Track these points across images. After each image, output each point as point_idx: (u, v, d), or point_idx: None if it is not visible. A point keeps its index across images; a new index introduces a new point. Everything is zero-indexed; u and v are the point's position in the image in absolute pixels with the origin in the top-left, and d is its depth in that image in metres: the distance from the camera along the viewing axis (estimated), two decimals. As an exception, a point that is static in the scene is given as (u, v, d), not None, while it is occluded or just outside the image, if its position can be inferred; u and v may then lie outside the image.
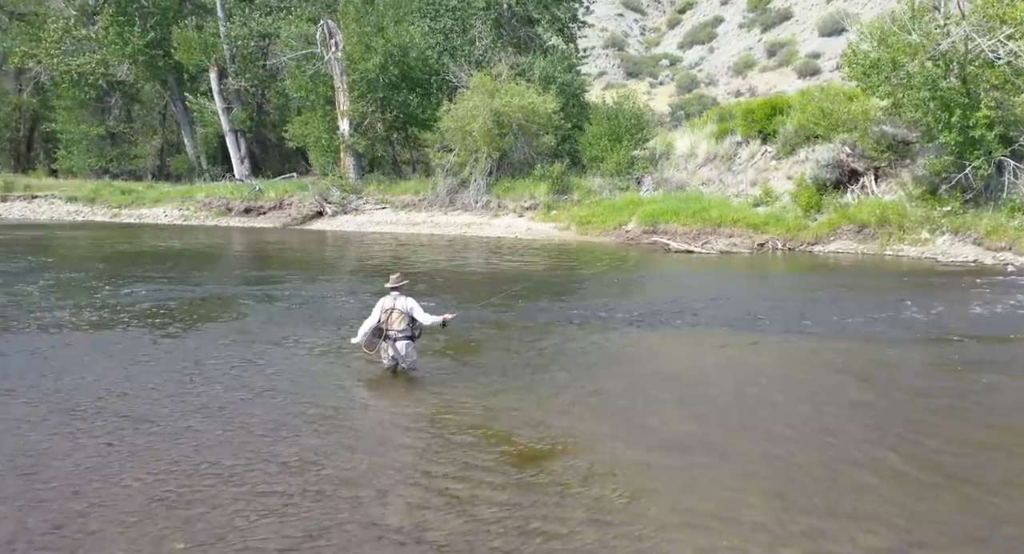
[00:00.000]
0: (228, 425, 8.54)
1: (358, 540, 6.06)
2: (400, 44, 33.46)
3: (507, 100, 30.42)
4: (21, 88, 54.32)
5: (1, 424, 8.50)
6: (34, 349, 11.82)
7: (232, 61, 40.93)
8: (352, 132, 35.27)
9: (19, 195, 42.50)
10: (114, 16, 41.57)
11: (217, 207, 36.28)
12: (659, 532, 6.14)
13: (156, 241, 28.68)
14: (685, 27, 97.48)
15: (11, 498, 6.74)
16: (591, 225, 28.04)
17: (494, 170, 31.77)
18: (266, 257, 25.26)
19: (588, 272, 20.49)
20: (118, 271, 20.06)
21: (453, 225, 30.70)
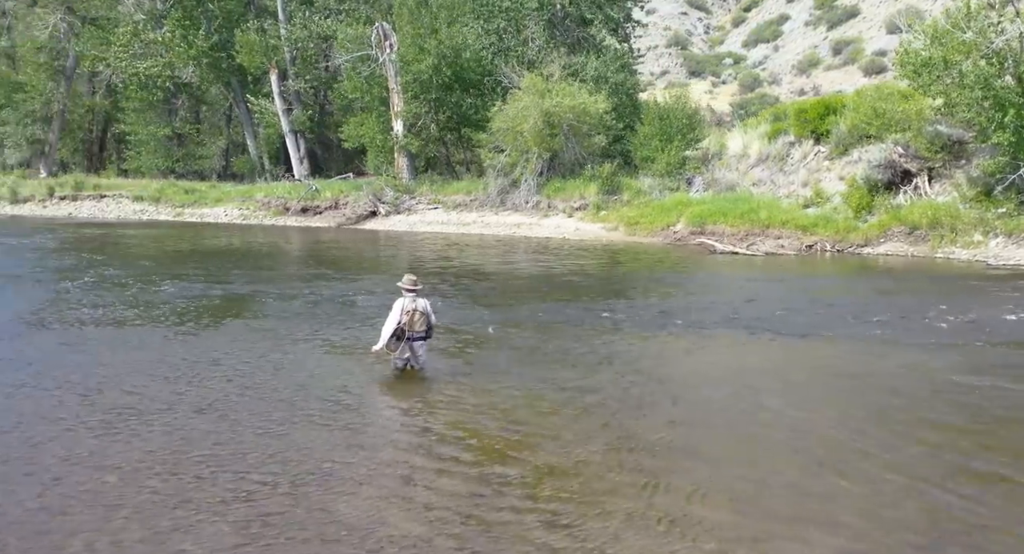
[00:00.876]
0: (220, 419, 8.80)
1: (306, 532, 6.22)
2: (453, 45, 33.76)
3: (558, 100, 30.51)
4: (94, 90, 56.14)
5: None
6: (60, 343, 12.40)
7: (292, 63, 41.70)
8: (406, 133, 35.72)
9: (89, 194, 43.98)
10: (180, 20, 42.69)
11: (275, 207, 37.03)
12: (605, 531, 6.21)
13: (211, 240, 29.47)
14: (750, 25, 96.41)
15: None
16: (639, 226, 27.98)
17: (545, 170, 31.88)
18: (313, 256, 25.80)
19: (624, 272, 20.52)
20: (163, 269, 20.73)
21: (503, 225, 30.89)
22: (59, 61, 50.53)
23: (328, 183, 38.05)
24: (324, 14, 42.13)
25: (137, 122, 48.50)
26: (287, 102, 41.97)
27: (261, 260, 24.21)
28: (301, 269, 22.76)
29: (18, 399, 9.47)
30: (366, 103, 38.55)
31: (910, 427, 8.58)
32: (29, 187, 45.97)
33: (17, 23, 57.55)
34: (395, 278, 18.91)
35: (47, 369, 10.72)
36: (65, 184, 44.92)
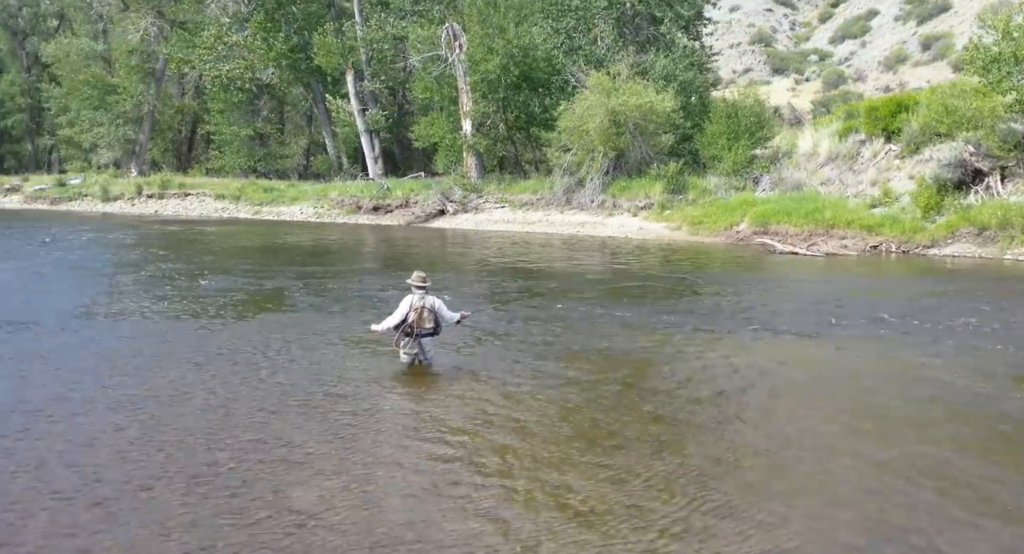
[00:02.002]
0: (212, 404, 9.28)
1: (247, 513, 6.51)
2: (521, 45, 33.99)
3: (624, 99, 30.48)
4: (184, 92, 58.15)
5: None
6: (95, 332, 13.10)
7: (368, 64, 42.47)
8: (474, 132, 36.12)
9: (174, 193, 45.60)
10: (262, 23, 43.92)
11: (348, 205, 37.81)
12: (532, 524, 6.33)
13: (280, 237, 30.30)
14: (837, 21, 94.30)
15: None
16: (702, 225, 27.78)
17: (611, 169, 31.88)
18: (375, 253, 26.43)
19: (675, 272, 20.38)
20: (223, 264, 21.56)
21: (567, 224, 31.00)
22: (149, 64, 52.54)
23: (399, 182, 38.73)
24: (399, 15, 42.86)
25: (222, 122, 50.03)
26: (363, 102, 42.78)
27: (323, 256, 24.80)
28: (359, 265, 23.25)
29: (20, 381, 10.14)
30: (436, 103, 39.05)
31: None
32: (119, 186, 47.91)
33: (114, 28, 60.03)
34: (449, 275, 19.40)
35: (65, 359, 11.37)
36: (152, 183, 46.68)
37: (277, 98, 51.10)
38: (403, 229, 33.47)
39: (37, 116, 68.60)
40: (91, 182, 49.85)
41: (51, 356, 11.55)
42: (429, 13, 41.17)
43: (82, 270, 20.98)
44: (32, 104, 68.44)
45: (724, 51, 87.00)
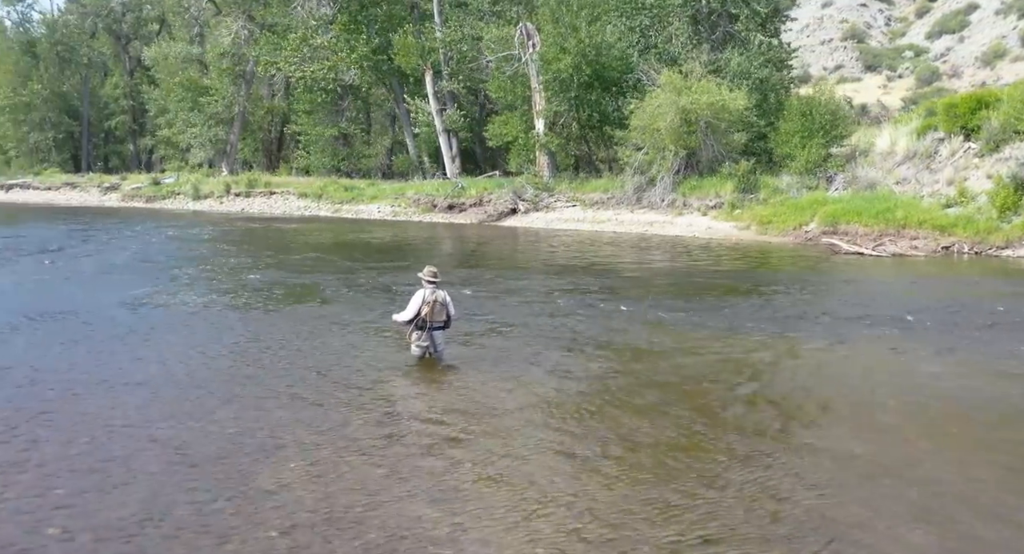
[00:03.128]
0: (231, 391, 9.81)
1: (212, 493, 6.88)
2: (593, 44, 34.04)
3: (695, 97, 30.31)
4: (273, 93, 59.78)
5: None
6: (140, 323, 13.81)
7: (447, 64, 43.03)
8: (546, 131, 36.33)
9: (260, 191, 46.98)
10: (345, 25, 44.88)
11: (424, 204, 38.43)
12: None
13: (352, 234, 31.04)
14: (935, 15, 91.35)
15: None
16: (771, 225, 27.46)
17: (682, 168, 31.73)
18: (433, 249, 26.79)
19: (729, 271, 20.27)
20: (283, 258, 22.40)
21: (636, 223, 30.97)
22: (240, 66, 54.15)
23: (474, 181, 39.18)
24: (478, 15, 43.32)
25: (307, 123, 51.31)
26: (441, 102, 43.35)
27: (386, 253, 25.33)
28: (415, 261, 23.53)
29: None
30: (509, 102, 39.38)
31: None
32: (209, 185, 49.62)
33: (210, 31, 62.13)
34: (508, 273, 19.68)
35: (106, 345, 12.14)
36: (240, 182, 48.20)
37: (361, 99, 52.10)
38: (475, 227, 33.89)
39: (140, 117, 71.37)
40: (183, 181, 51.78)
41: (82, 341, 12.39)
42: (507, 13, 41.49)
43: (152, 263, 22.15)
44: (134, 106, 71.31)
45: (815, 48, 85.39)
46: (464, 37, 41.75)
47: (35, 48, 70.72)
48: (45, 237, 30.43)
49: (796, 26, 79.20)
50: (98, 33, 75.19)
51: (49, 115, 69.97)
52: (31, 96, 68.50)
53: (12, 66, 69.31)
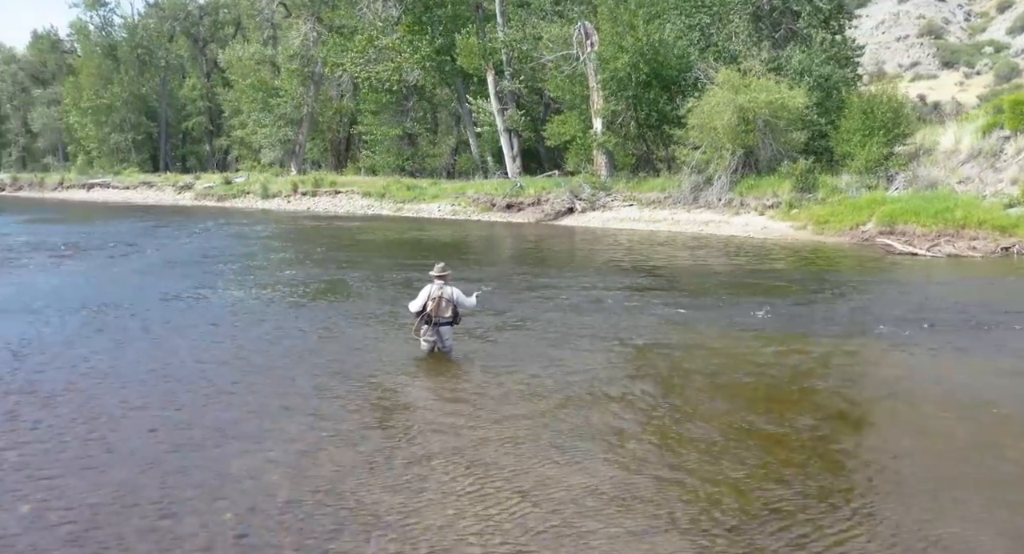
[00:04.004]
0: (232, 382, 10.17)
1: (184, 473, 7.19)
2: (651, 42, 33.92)
3: (753, 96, 30.01)
4: (342, 94, 60.81)
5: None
6: (174, 314, 14.29)
7: (509, 64, 43.27)
8: (604, 130, 36.31)
9: (326, 191, 47.87)
10: (410, 26, 45.47)
11: (483, 203, 38.73)
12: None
13: (408, 233, 31.46)
14: (1017, 10, 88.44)
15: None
16: (828, 224, 27.03)
17: (739, 167, 31.41)
18: (479, 246, 26.99)
19: (776, 271, 20.01)
20: (328, 256, 22.93)
21: (692, 223, 30.77)
22: (308, 67, 55.25)
23: (533, 180, 39.34)
24: (540, 15, 43.46)
25: (373, 123, 52.10)
26: (502, 102, 43.60)
27: (436, 250, 25.38)
28: (465, 259, 23.83)
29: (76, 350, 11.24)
30: (568, 101, 39.44)
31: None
32: (277, 184, 50.76)
33: (283, 33, 63.45)
34: (549, 270, 19.81)
35: (130, 336, 12.72)
36: (307, 181, 49.21)
37: (426, 99, 52.67)
38: (532, 226, 34.03)
39: (216, 118, 73.26)
40: (253, 180, 53.08)
41: (110, 331, 13.01)
42: (569, 12, 41.54)
43: (204, 259, 23.03)
44: (210, 107, 73.31)
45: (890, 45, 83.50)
46: (526, 36, 41.91)
47: (116, 52, 73.14)
48: (114, 233, 31.65)
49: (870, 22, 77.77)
50: (176, 36, 77.49)
51: (129, 116, 72.33)
52: (112, 98, 70.92)
53: (95, 69, 71.85)
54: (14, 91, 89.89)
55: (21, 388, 9.75)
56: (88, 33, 75.27)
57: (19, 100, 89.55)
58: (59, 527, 6.25)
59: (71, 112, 74.28)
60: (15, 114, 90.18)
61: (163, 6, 77.08)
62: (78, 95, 72.26)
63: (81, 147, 76.04)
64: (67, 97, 75.09)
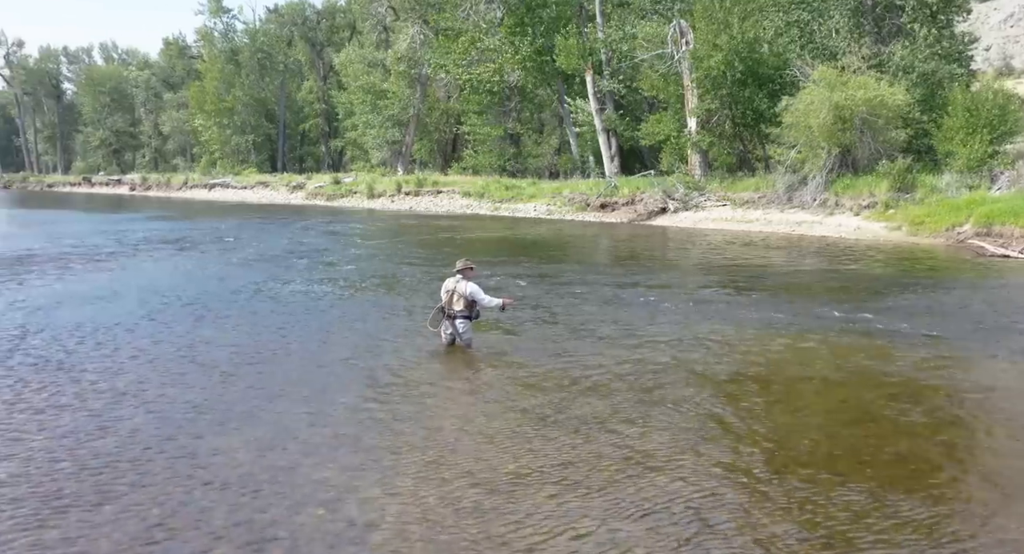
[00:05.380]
0: (243, 370, 10.56)
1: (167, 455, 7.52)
2: (746, 40, 33.38)
3: (849, 93, 29.23)
4: (449, 95, 61.78)
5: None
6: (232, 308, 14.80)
7: (608, 64, 43.23)
8: (698, 130, 35.90)
9: (428, 190, 48.82)
10: (512, 27, 45.90)
11: (578, 202, 38.80)
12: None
13: (496, 232, 31.92)
14: None
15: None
16: (923, 225, 26.08)
17: (835, 166, 30.64)
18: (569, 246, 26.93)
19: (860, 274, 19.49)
20: (403, 252, 23.70)
21: (784, 223, 30.14)
22: (415, 69, 56.38)
23: (628, 180, 39.21)
24: (639, 14, 43.25)
25: (477, 123, 52.78)
26: (600, 102, 43.56)
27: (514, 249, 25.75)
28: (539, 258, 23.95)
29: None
30: (662, 100, 39.15)
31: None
32: (383, 184, 52.05)
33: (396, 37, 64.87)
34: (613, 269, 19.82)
35: (176, 322, 13.18)
36: (410, 181, 50.30)
37: (528, 99, 53.03)
38: (624, 226, 33.92)
39: (333, 120, 75.34)
40: (360, 180, 54.59)
41: (159, 316, 13.70)
42: (669, 11, 41.23)
43: (288, 254, 24.12)
44: (326, 109, 75.49)
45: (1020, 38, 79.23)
46: (625, 36, 41.78)
47: (238, 56, 76.26)
48: (221, 230, 33.22)
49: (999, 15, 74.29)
50: (295, 41, 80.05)
51: (249, 119, 75.39)
52: (233, 101, 74.05)
53: (218, 74, 75.06)
54: (147, 96, 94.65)
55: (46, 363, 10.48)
56: (212, 39, 78.67)
57: (151, 104, 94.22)
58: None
59: (196, 115, 77.89)
60: (148, 117, 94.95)
61: (282, 12, 79.85)
62: (203, 99, 75.73)
63: (205, 148, 79.57)
64: (193, 101, 78.71)
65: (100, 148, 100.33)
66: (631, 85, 43.21)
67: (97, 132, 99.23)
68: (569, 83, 47.26)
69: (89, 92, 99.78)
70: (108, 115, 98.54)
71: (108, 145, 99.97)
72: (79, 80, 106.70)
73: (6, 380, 10.04)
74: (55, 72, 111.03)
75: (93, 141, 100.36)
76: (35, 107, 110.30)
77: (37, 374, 10.29)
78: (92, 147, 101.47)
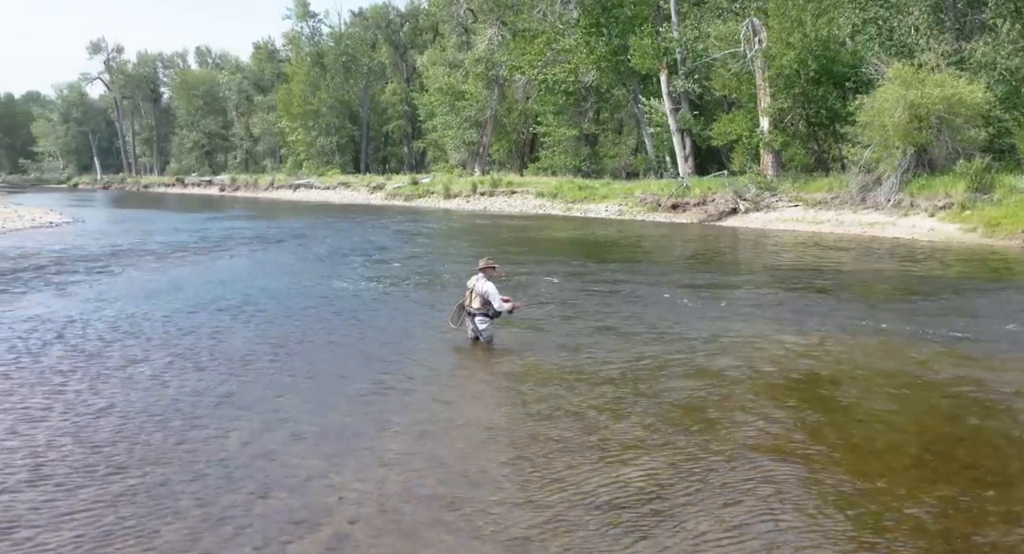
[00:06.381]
0: (262, 362, 10.85)
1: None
2: (820, 38, 32.77)
3: (926, 91, 28.47)
4: (528, 96, 62.03)
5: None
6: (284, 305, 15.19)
7: (682, 63, 42.89)
8: (771, 129, 35.37)
9: (502, 191, 49.15)
10: (587, 27, 45.90)
11: (649, 203, 38.59)
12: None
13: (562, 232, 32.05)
14: None
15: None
16: (999, 227, 25.23)
17: (911, 166, 29.85)
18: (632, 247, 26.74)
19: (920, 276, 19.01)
20: (459, 251, 23.83)
21: (856, 224, 29.47)
22: (492, 70, 56.79)
23: (700, 180, 38.84)
24: (716, 13, 42.79)
25: (552, 124, 52.84)
26: (675, 101, 43.25)
27: (574, 250, 25.90)
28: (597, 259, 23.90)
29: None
30: (734, 100, 38.67)
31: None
32: (459, 184, 52.57)
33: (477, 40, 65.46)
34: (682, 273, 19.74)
35: (215, 315, 13.52)
36: (485, 181, 50.70)
37: (605, 99, 52.90)
38: (694, 227, 33.61)
39: (416, 121, 76.26)
40: (437, 181, 55.26)
41: (204, 311, 13.97)
42: (746, 10, 40.71)
43: (354, 250, 25.10)
44: (408, 111, 76.53)
45: None
46: (700, 35, 41.41)
47: (323, 60, 77.82)
48: (296, 228, 34.21)
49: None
50: (378, 43, 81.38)
51: (333, 121, 76.92)
52: (319, 104, 75.63)
53: (304, 77, 76.76)
54: (239, 99, 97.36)
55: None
56: (299, 43, 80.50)
57: (243, 107, 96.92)
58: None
59: (283, 117, 79.82)
60: (240, 120, 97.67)
61: (367, 15, 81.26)
62: (289, 101, 77.55)
63: (292, 150, 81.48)
64: (280, 103, 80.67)
65: (193, 150, 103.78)
66: (706, 85, 42.80)
67: (191, 134, 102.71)
68: (646, 83, 47.07)
69: (183, 95, 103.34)
70: (201, 118, 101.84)
71: (201, 147, 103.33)
72: (174, 84, 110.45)
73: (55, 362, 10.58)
74: (152, 76, 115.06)
75: (187, 143, 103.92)
76: (133, 110, 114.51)
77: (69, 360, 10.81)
78: (186, 149, 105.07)
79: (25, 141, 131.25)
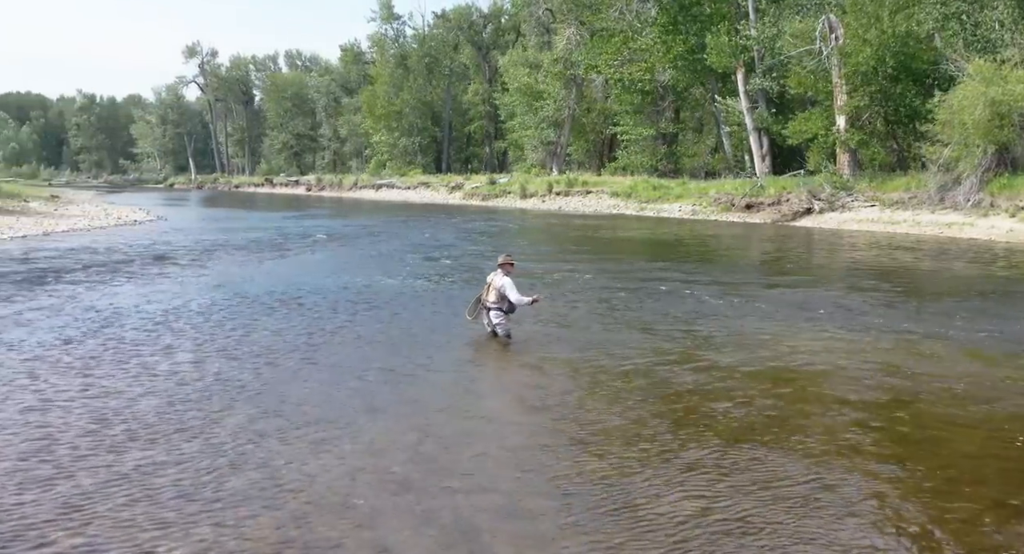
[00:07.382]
0: (285, 356, 10.77)
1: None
2: (897, 34, 31.98)
3: (1008, 88, 27.59)
4: (607, 96, 61.90)
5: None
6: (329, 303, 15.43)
7: (760, 61, 42.27)
8: (847, 128, 34.63)
9: (578, 190, 49.27)
10: (664, 26, 45.59)
11: (723, 202, 38.23)
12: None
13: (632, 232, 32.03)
14: None
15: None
16: (1082, 228, 24.42)
17: (993, 165, 28.95)
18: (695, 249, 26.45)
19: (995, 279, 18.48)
20: (518, 251, 23.71)
21: (933, 225, 28.73)
22: (570, 70, 56.83)
23: (775, 180, 38.26)
24: (795, 10, 42.04)
25: (629, 123, 52.63)
26: (752, 100, 42.68)
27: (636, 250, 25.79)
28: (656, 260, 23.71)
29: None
30: (810, 98, 37.97)
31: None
32: (535, 184, 52.82)
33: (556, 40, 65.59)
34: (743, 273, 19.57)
35: (253, 310, 13.52)
36: (560, 181, 50.87)
37: (682, 99, 52.48)
38: (767, 227, 33.17)
39: (498, 122, 76.69)
40: (514, 181, 55.63)
41: (245, 308, 14.14)
42: (821, 8, 39.93)
43: (420, 248, 25.47)
44: (490, 111, 77.03)
45: None
46: (779, 33, 40.75)
47: (407, 61, 78.94)
48: (370, 227, 34.93)
49: None
50: (461, 44, 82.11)
51: (416, 122, 77.95)
52: (402, 104, 76.73)
53: (388, 78, 77.98)
54: (327, 101, 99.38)
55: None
56: (384, 45, 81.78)
57: (331, 109, 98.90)
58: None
59: (367, 118, 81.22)
60: (328, 121, 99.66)
61: (449, 17, 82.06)
62: (373, 102, 78.86)
63: (375, 150, 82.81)
64: (364, 105, 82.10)
65: (283, 151, 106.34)
66: (783, 83, 42.13)
67: (280, 136, 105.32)
68: (724, 81, 46.53)
69: (273, 98, 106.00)
70: (290, 119, 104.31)
71: (290, 148, 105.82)
72: (264, 86, 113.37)
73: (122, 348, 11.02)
74: (245, 79, 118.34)
75: (276, 144, 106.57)
76: (226, 112, 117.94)
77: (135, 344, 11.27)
78: (276, 150, 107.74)
79: (126, 143, 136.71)
